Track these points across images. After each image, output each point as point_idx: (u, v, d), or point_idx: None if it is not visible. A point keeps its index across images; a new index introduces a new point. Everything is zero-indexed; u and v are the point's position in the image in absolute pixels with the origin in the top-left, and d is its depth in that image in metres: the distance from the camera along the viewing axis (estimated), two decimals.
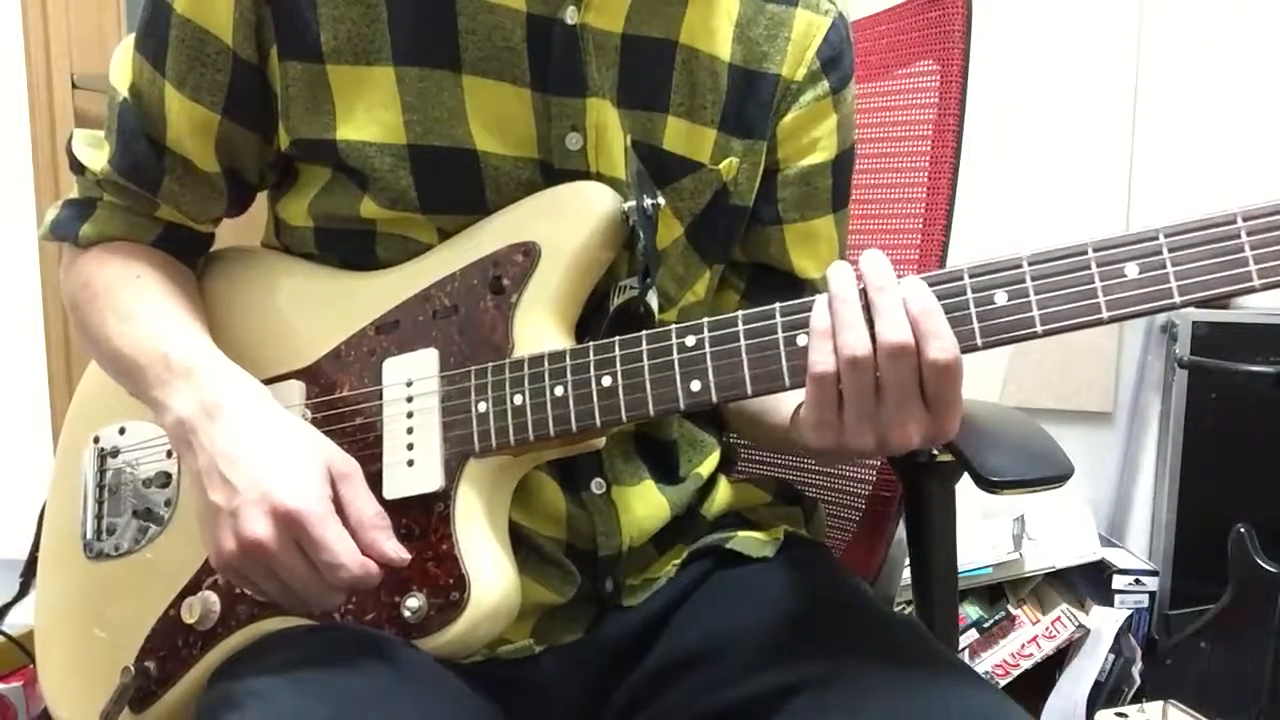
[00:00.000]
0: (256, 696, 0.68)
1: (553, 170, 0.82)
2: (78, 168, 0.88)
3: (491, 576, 0.75)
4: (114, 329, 0.82)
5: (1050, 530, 2.15)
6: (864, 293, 0.68)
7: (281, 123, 0.82)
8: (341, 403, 0.82)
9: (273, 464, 0.71)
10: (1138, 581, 2.11)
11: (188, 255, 0.91)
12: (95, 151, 0.87)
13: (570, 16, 0.80)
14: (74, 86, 2.02)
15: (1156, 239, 0.64)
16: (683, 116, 0.85)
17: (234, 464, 0.71)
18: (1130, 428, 2.34)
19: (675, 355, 0.72)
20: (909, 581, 1.03)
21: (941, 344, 0.66)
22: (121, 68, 0.85)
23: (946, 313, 0.67)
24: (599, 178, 0.82)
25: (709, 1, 0.85)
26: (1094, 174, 2.30)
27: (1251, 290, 0.63)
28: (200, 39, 0.81)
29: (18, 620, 1.66)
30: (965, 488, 0.90)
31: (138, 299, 0.83)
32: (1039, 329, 0.66)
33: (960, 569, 1.07)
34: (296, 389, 0.83)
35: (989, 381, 2.32)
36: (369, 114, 0.80)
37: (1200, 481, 2.15)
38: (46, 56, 2.02)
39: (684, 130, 0.85)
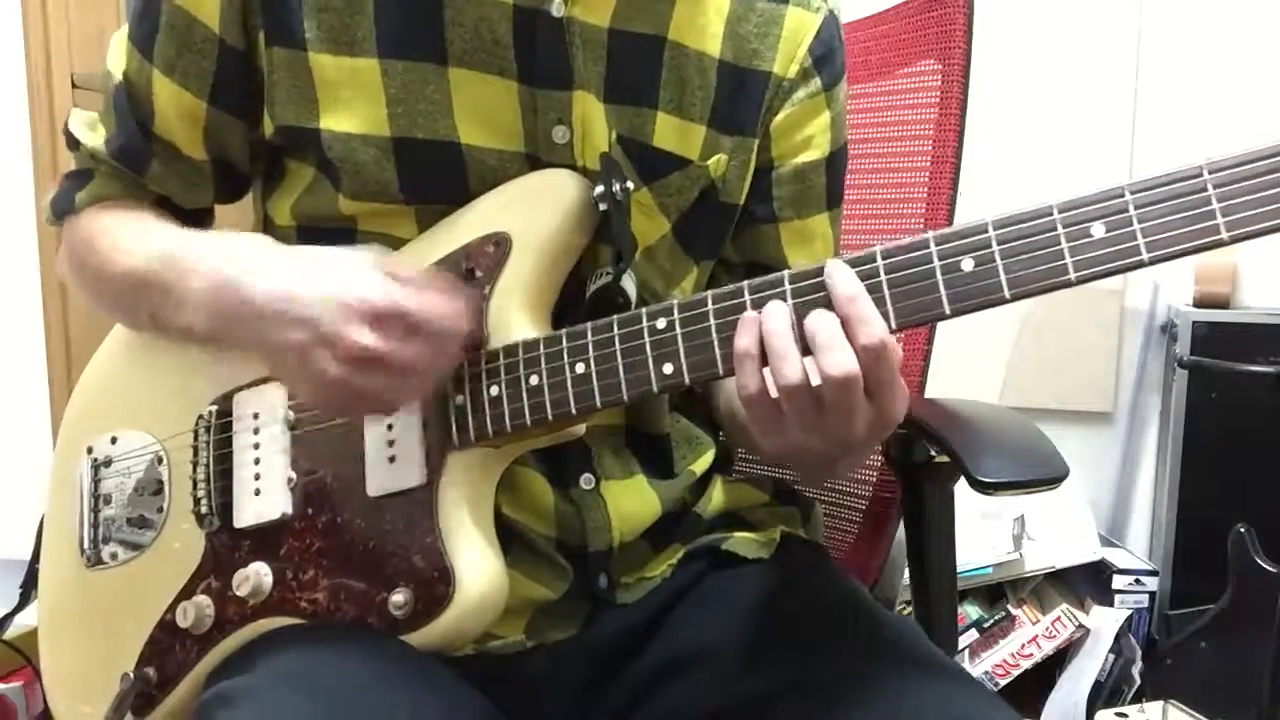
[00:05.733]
0: (250, 695, 0.68)
1: (540, 163, 0.82)
2: (74, 143, 0.90)
3: (477, 569, 0.75)
4: (120, 258, 0.82)
5: (1050, 530, 2.15)
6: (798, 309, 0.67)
7: (267, 110, 0.83)
8: None
9: (335, 280, 0.70)
10: (1138, 581, 2.11)
11: (188, 221, 0.90)
12: (91, 131, 0.89)
13: (556, 9, 0.80)
14: (74, 86, 2.02)
15: (1122, 196, 0.63)
16: (672, 113, 0.85)
17: (294, 299, 0.70)
18: (1130, 428, 2.34)
19: (647, 338, 0.72)
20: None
21: (869, 328, 0.65)
22: (116, 52, 0.86)
23: (913, 281, 0.67)
24: (585, 171, 0.82)
25: None
26: (1095, 174, 2.29)
27: (1220, 244, 0.62)
28: (189, 26, 0.81)
29: (18, 620, 1.66)
30: (965, 488, 0.90)
31: (138, 230, 0.84)
32: (1006, 294, 0.65)
33: (960, 569, 1.07)
34: (279, 393, 0.83)
35: (988, 382, 2.32)
36: (352, 106, 0.80)
37: (1200, 481, 2.15)
38: (46, 56, 2.02)
39: (673, 126, 0.85)
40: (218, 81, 0.83)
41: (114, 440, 0.90)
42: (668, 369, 0.72)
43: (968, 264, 0.66)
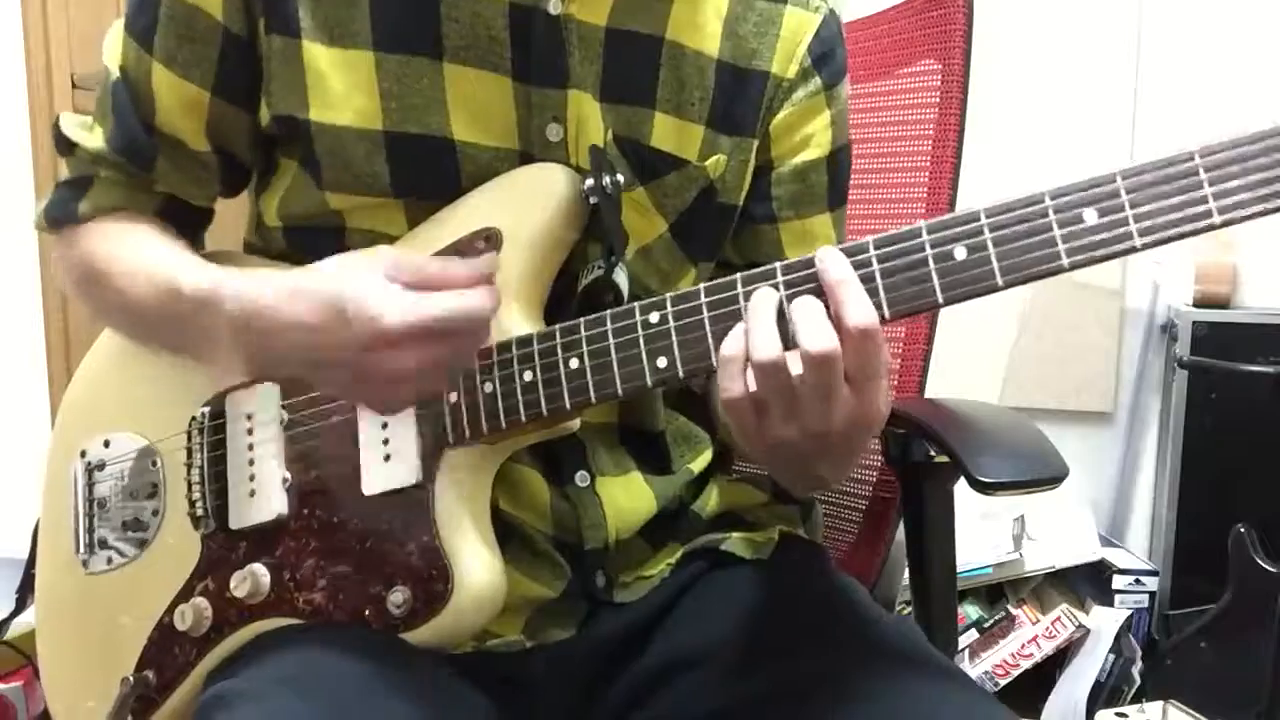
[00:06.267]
0: (249, 697, 0.68)
1: (532, 161, 0.82)
2: (67, 148, 0.87)
3: (475, 566, 0.75)
4: (130, 294, 0.80)
5: (1050, 530, 2.15)
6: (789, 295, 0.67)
7: (264, 98, 0.82)
8: (317, 402, 0.81)
9: (347, 317, 0.67)
10: (1138, 581, 2.11)
11: (189, 228, 0.90)
12: (88, 132, 0.86)
13: (553, 7, 0.80)
14: (74, 86, 2.03)
15: (1114, 182, 0.63)
16: (670, 113, 0.85)
17: (317, 350, 0.69)
18: (1130, 428, 2.34)
19: (640, 333, 0.72)
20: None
21: (859, 308, 0.65)
22: (113, 47, 0.85)
23: (906, 270, 0.66)
24: (578, 169, 0.82)
25: None
26: (1095, 174, 2.29)
27: (1212, 227, 0.62)
28: (190, 15, 0.80)
29: (18, 620, 1.66)
30: (965, 488, 0.90)
31: (141, 256, 0.82)
32: (999, 281, 0.65)
33: (960, 569, 1.07)
34: (273, 393, 0.82)
35: (988, 382, 2.32)
36: (345, 98, 0.80)
37: (1200, 481, 2.15)
38: (46, 56, 2.03)
39: (671, 127, 0.85)
40: (221, 71, 0.82)
41: (106, 443, 0.90)
42: (661, 363, 0.72)
43: (960, 252, 0.66)
